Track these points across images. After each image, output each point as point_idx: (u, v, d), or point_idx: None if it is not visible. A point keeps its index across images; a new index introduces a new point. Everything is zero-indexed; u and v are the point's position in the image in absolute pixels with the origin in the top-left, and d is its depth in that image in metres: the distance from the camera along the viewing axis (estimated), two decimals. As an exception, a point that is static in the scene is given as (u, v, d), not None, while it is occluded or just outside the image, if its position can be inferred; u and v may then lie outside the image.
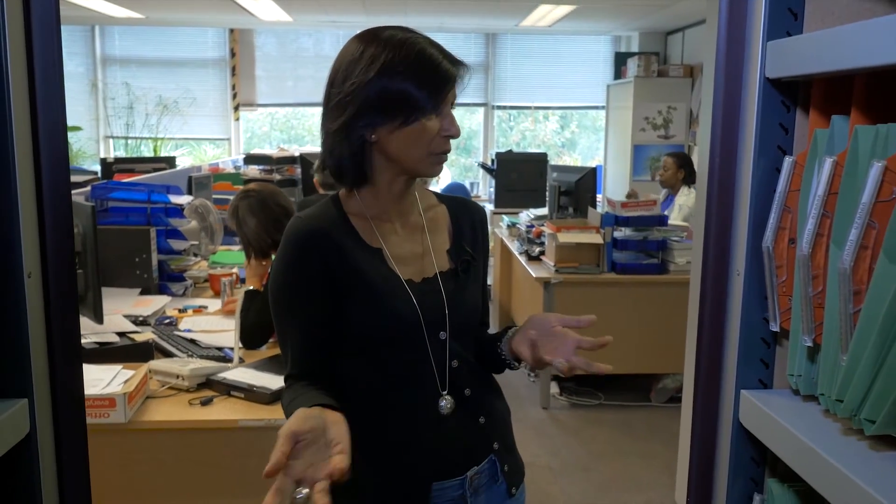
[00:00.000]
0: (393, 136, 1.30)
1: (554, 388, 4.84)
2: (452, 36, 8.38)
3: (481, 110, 8.67)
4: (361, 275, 1.34)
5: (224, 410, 2.21)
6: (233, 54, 8.33)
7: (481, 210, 1.57)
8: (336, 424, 1.11)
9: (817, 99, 0.85)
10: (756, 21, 0.88)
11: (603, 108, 8.49)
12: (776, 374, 0.95)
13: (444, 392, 1.38)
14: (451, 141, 1.35)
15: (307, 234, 1.35)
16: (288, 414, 1.24)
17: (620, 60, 8.08)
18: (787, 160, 0.85)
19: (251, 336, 2.61)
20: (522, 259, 5.00)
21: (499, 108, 8.69)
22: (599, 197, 6.36)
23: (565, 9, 6.65)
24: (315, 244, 1.34)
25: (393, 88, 1.27)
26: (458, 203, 1.54)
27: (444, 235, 1.47)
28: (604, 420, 4.50)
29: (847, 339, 0.73)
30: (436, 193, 1.54)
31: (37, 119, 0.86)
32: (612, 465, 3.86)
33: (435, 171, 1.37)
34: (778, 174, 0.86)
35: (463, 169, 8.92)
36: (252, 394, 2.25)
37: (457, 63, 1.33)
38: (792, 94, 0.89)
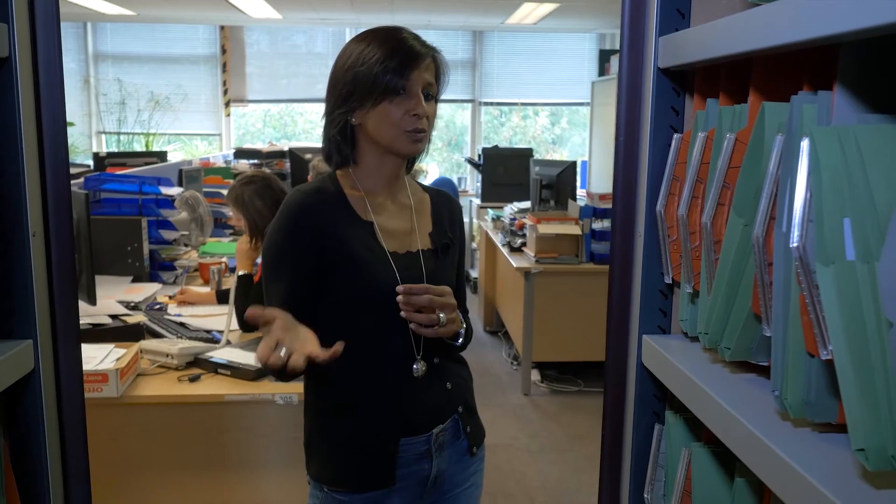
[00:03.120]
0: (368, 117, 1.47)
1: (535, 376, 4.98)
2: (439, 33, 8.51)
3: (469, 106, 8.82)
4: (350, 245, 1.48)
5: (211, 386, 2.34)
6: (223, 51, 8.44)
7: (459, 204, 1.75)
8: (308, 331, 1.32)
9: (699, 85, 1.01)
10: (650, 19, 1.04)
11: (588, 104, 8.64)
12: (673, 321, 1.11)
13: (419, 356, 1.53)
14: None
15: (303, 203, 1.50)
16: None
17: (604, 58, 8.23)
18: (676, 137, 1.01)
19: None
20: (505, 250, 5.16)
21: (486, 104, 8.84)
22: (583, 191, 6.52)
23: (549, 6, 6.80)
24: (310, 213, 1.49)
25: (363, 73, 1.45)
26: (440, 194, 1.71)
27: (427, 219, 1.63)
28: (582, 405, 4.64)
29: (710, 281, 0.89)
30: (420, 184, 1.71)
31: (40, 102, 1.01)
32: (588, 447, 4.00)
33: (412, 149, 1.51)
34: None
35: (452, 165, 9.07)
36: (238, 371, 2.38)
37: (426, 47, 1.49)
38: (681, 81, 1.05)
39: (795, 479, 0.70)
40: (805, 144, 0.69)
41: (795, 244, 0.68)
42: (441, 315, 1.46)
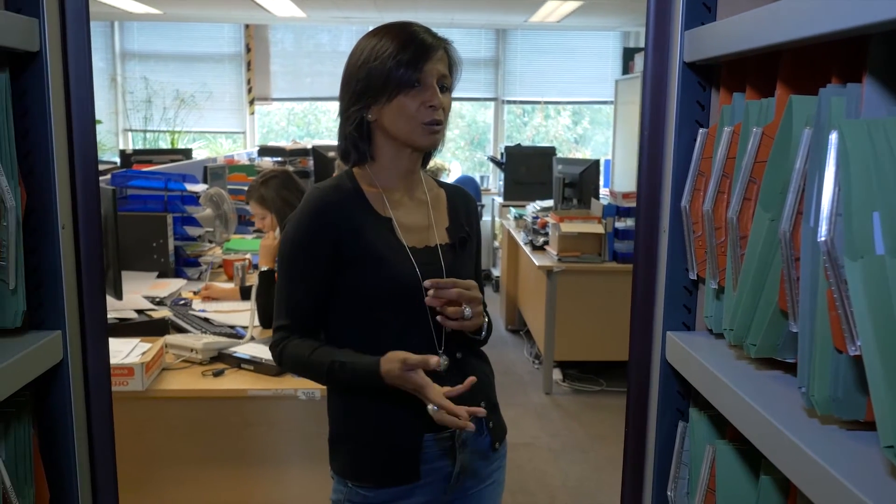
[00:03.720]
0: (384, 112, 1.48)
1: (557, 375, 4.97)
2: (462, 31, 8.50)
3: (492, 105, 8.80)
4: (369, 241, 1.49)
5: (234, 381, 2.37)
6: (248, 49, 8.50)
7: (474, 199, 1.75)
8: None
9: (725, 79, 1.00)
10: (676, 13, 1.03)
11: (611, 103, 8.59)
12: (698, 318, 1.10)
13: (441, 351, 1.52)
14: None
15: (323, 200, 1.52)
16: (309, 363, 1.48)
17: (629, 56, 8.18)
18: (701, 132, 1.00)
19: (272, 316, 2.76)
20: (527, 249, 5.14)
21: (509, 102, 8.82)
22: (606, 190, 6.49)
23: (573, 4, 6.77)
24: (328, 210, 1.50)
25: (376, 69, 1.45)
26: (455, 189, 1.71)
27: (443, 214, 1.64)
28: (604, 405, 4.62)
29: (736, 277, 0.88)
30: (436, 180, 1.71)
31: (69, 96, 1.02)
32: (610, 447, 3.99)
33: (429, 141, 1.51)
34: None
35: (474, 163, 9.06)
36: (261, 366, 2.40)
37: (437, 39, 1.50)
38: (707, 76, 1.04)
39: (823, 476, 0.69)
40: (833, 137, 0.68)
41: (823, 238, 0.67)
42: (467, 309, 1.46)
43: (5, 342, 1.00)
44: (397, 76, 1.44)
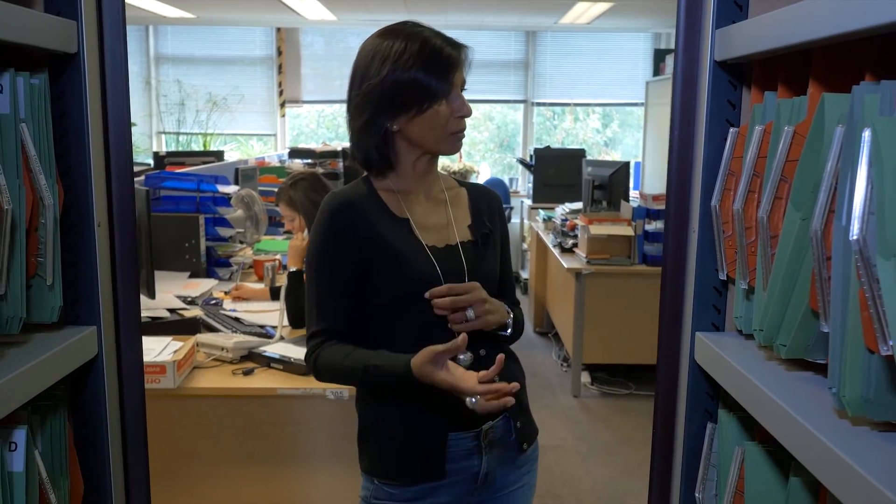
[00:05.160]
0: (412, 124, 1.48)
1: (585, 378, 4.94)
2: (492, 34, 8.50)
3: (521, 107, 8.78)
4: (388, 241, 1.50)
5: (264, 380, 2.39)
6: (279, 53, 8.58)
7: (498, 196, 1.74)
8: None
9: (756, 78, 0.99)
10: (707, 12, 1.02)
11: (642, 104, 8.53)
12: (727, 318, 1.09)
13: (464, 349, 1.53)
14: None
15: (338, 206, 1.53)
16: (343, 370, 1.48)
17: (659, 57, 8.12)
18: (732, 131, 0.99)
19: (300, 317, 2.78)
20: (556, 251, 5.13)
21: (538, 104, 8.80)
22: (636, 192, 6.44)
23: (603, 6, 6.74)
24: (347, 214, 1.51)
25: (405, 80, 1.44)
26: (477, 188, 1.71)
27: (464, 212, 1.63)
28: (633, 408, 4.59)
29: (766, 277, 0.87)
30: (456, 179, 1.71)
31: (106, 97, 1.05)
32: (638, 450, 3.95)
33: (455, 149, 1.54)
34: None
35: (503, 166, 9.05)
36: (290, 365, 2.42)
37: (459, 47, 1.50)
38: (738, 74, 1.03)
39: (854, 477, 0.68)
40: (867, 135, 0.67)
41: (855, 237, 0.66)
42: (469, 311, 1.47)
43: (42, 337, 1.03)
44: (430, 88, 1.44)
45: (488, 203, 1.68)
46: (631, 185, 6.20)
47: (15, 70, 0.93)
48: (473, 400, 1.38)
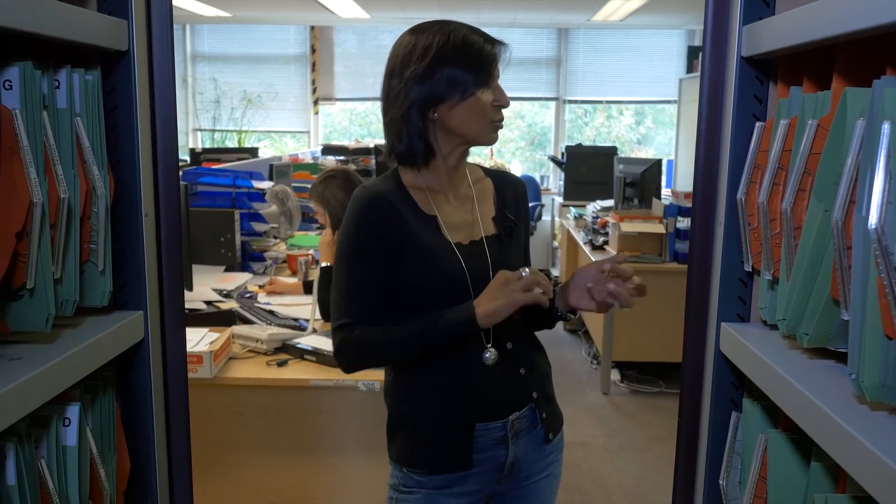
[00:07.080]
0: (453, 112, 1.50)
1: (615, 375, 4.93)
2: (525, 31, 8.50)
3: (553, 105, 8.78)
4: (416, 238, 1.53)
5: (297, 371, 2.45)
6: (313, 51, 8.68)
7: (522, 184, 1.75)
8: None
9: (782, 73, 1.01)
10: (735, 8, 1.04)
11: (675, 102, 8.47)
12: (753, 310, 1.11)
13: (489, 345, 1.54)
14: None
15: (370, 199, 1.55)
16: (384, 342, 1.51)
17: (693, 54, 8.06)
18: (758, 125, 1.01)
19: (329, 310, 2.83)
20: (587, 248, 5.13)
21: (570, 102, 8.78)
22: (668, 190, 6.40)
23: (637, 2, 6.71)
24: (377, 208, 1.54)
25: (448, 68, 1.48)
26: (502, 177, 1.73)
27: (489, 204, 1.66)
28: (663, 406, 4.57)
29: (790, 268, 0.89)
30: (482, 168, 1.73)
31: (153, 92, 1.10)
32: (668, 448, 3.93)
33: (493, 140, 1.56)
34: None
35: (535, 164, 9.04)
36: (323, 357, 2.47)
37: (496, 43, 1.53)
38: (765, 70, 1.05)
39: (872, 460, 0.70)
40: (886, 127, 0.69)
41: (874, 226, 0.68)
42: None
43: (93, 320, 1.08)
44: (473, 76, 1.48)
45: (514, 193, 1.69)
46: (663, 182, 6.17)
47: (70, 67, 0.99)
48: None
